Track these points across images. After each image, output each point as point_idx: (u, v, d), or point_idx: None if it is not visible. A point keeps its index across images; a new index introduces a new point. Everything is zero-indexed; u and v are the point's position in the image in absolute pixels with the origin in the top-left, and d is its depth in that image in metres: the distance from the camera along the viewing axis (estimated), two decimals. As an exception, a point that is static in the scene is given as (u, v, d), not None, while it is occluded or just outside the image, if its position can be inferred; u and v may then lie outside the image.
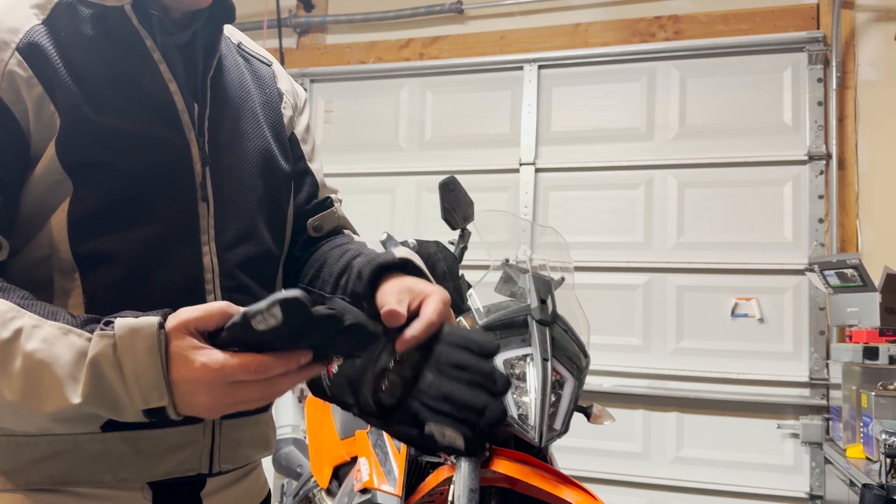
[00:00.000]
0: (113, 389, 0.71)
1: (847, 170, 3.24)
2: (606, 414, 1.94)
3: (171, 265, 0.88)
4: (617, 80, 3.62)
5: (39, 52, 0.83)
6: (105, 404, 0.72)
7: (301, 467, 2.55)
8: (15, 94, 0.81)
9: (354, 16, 4.08)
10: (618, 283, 3.50)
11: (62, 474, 0.84)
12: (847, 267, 2.77)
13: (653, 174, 3.51)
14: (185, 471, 0.90)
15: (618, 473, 3.40)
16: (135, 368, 0.70)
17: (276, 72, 1.13)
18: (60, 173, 0.82)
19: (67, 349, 0.72)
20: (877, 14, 3.30)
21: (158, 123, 0.89)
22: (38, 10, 0.85)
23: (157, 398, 0.71)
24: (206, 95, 0.95)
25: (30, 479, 0.83)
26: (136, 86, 0.88)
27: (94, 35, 0.87)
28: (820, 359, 3.17)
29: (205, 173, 0.92)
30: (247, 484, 1.03)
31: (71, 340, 0.73)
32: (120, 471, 0.86)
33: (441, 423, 0.75)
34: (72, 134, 0.83)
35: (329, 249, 1.07)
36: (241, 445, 0.97)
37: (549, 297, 1.85)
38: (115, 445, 0.85)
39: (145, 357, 0.70)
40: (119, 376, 0.71)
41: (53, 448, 0.83)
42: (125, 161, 0.85)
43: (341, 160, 3.98)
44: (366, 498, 1.74)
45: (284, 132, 1.09)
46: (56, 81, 0.83)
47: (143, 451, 0.87)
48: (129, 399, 0.71)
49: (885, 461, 1.91)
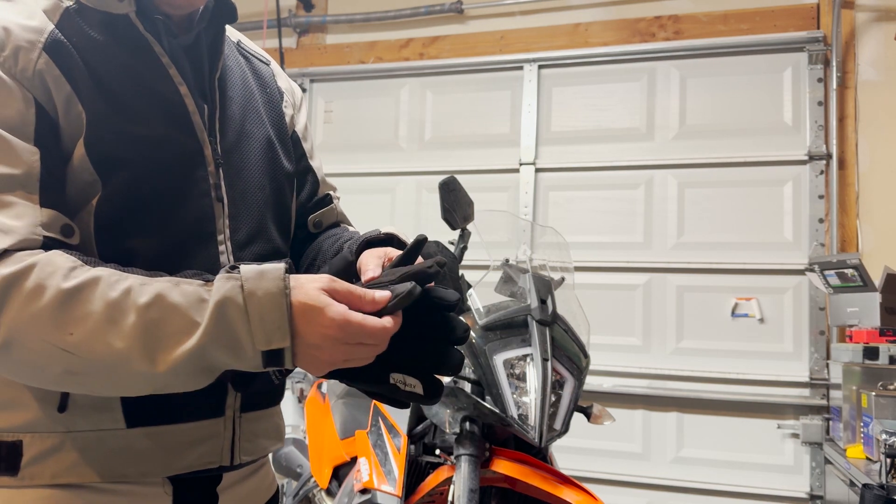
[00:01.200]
0: (236, 329, 0.74)
1: (847, 170, 3.24)
2: (606, 414, 1.94)
3: (192, 264, 0.90)
4: (617, 80, 3.62)
5: (65, 53, 0.85)
6: (226, 344, 0.74)
7: (301, 467, 2.56)
8: (46, 94, 0.83)
9: (354, 16, 4.08)
10: (618, 283, 3.50)
11: (87, 470, 0.86)
12: (847, 267, 2.76)
13: (653, 174, 3.51)
14: (207, 463, 0.93)
15: (618, 473, 3.40)
16: (259, 308, 0.74)
17: (275, 70, 1.15)
18: (91, 173, 0.85)
19: (183, 297, 0.75)
20: (877, 14, 3.30)
21: (172, 126, 0.91)
22: (48, 15, 0.87)
23: (280, 339, 0.74)
24: (215, 97, 0.97)
25: (56, 475, 0.85)
26: (149, 90, 0.90)
27: (104, 40, 0.88)
28: (820, 359, 3.17)
29: (218, 174, 0.95)
30: (258, 479, 1.06)
31: (183, 289, 0.76)
32: (143, 465, 0.88)
33: (403, 373, 0.81)
34: (98, 133, 0.85)
35: (324, 240, 1.10)
36: (258, 437, 1.00)
37: (549, 297, 1.85)
38: (137, 441, 0.88)
39: (271, 298, 0.74)
40: (243, 316, 0.74)
41: (78, 444, 0.85)
42: (145, 163, 0.87)
43: (341, 160, 3.98)
44: (366, 498, 1.74)
45: (287, 131, 1.11)
46: (81, 82, 0.85)
47: (165, 446, 0.89)
48: (252, 339, 0.74)
49: (886, 461, 1.91)
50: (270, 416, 1.05)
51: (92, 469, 0.86)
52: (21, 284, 0.74)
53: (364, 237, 0.97)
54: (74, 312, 0.74)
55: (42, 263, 0.76)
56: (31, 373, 0.78)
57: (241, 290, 0.75)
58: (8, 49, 0.82)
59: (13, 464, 0.84)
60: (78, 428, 0.85)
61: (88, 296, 0.75)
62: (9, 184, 0.79)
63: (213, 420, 0.93)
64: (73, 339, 0.74)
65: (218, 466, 0.94)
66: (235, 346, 0.75)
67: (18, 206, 0.78)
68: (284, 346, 0.74)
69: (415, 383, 0.81)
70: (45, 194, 0.81)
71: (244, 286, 0.75)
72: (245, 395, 0.97)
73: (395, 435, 1.86)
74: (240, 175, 0.98)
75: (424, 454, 1.91)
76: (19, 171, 0.79)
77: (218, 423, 0.94)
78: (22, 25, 0.84)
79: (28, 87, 0.82)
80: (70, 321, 0.74)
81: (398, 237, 0.98)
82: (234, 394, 0.95)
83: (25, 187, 0.79)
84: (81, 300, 0.75)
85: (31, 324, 0.74)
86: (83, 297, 0.75)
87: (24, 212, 0.78)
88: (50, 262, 0.76)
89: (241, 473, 1.01)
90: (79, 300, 0.75)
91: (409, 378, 0.81)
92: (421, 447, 1.92)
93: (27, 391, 0.85)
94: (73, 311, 0.74)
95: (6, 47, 0.82)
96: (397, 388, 0.81)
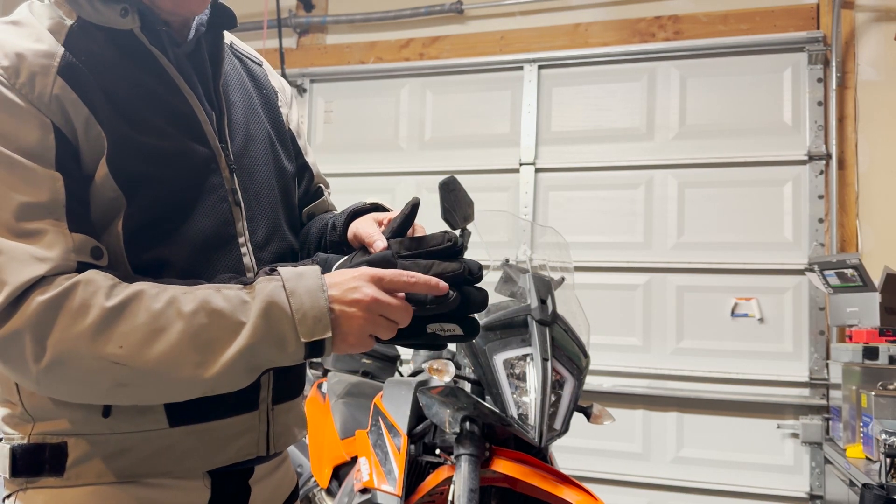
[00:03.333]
0: (281, 325, 0.80)
1: (847, 170, 3.24)
2: (606, 414, 1.94)
3: (218, 268, 0.93)
4: (617, 80, 3.62)
5: (78, 75, 0.85)
6: (273, 341, 0.80)
7: (301, 467, 2.56)
8: (64, 118, 0.84)
9: (354, 16, 4.08)
10: (618, 283, 3.50)
11: (131, 469, 0.88)
12: (847, 267, 2.76)
13: (653, 174, 3.51)
14: (245, 455, 0.97)
15: (618, 473, 3.40)
16: (301, 305, 0.81)
17: (268, 70, 1.18)
18: (115, 190, 0.86)
19: (226, 301, 0.81)
20: (877, 14, 3.30)
21: (187, 137, 0.93)
22: (55, 36, 0.87)
23: (322, 330, 0.81)
24: (222, 103, 0.99)
25: (101, 474, 0.87)
26: (162, 103, 0.91)
27: (112, 57, 0.89)
28: (820, 359, 3.17)
29: (233, 178, 0.97)
30: (282, 472, 1.11)
31: (226, 294, 0.81)
32: (186, 461, 0.91)
33: (438, 321, 0.87)
34: (119, 152, 0.86)
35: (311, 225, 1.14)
36: (289, 427, 1.05)
37: (549, 297, 1.85)
38: (180, 439, 0.90)
39: (311, 295, 0.81)
40: (287, 313, 0.80)
41: (122, 444, 0.88)
42: (166, 175, 0.89)
43: (341, 160, 3.98)
44: (366, 498, 1.74)
45: (285, 130, 1.13)
46: (97, 102, 0.85)
47: (207, 442, 0.92)
48: (296, 334, 0.80)
49: (885, 461, 1.91)
50: (298, 406, 1.10)
51: (136, 467, 0.88)
52: (66, 305, 0.77)
53: (350, 209, 1.03)
54: (122, 327, 0.78)
55: (84, 283, 0.78)
56: (80, 389, 0.80)
57: (284, 289, 0.81)
58: (23, 75, 0.82)
59: (59, 465, 0.86)
60: (122, 430, 0.87)
61: (134, 309, 0.78)
62: (37, 212, 0.80)
63: (250, 414, 0.97)
64: (123, 352, 0.77)
65: (255, 457, 0.98)
66: (281, 341, 0.80)
67: (49, 233, 0.80)
68: (326, 337, 0.81)
69: (452, 327, 0.87)
70: (73, 219, 0.82)
71: (286, 286, 0.81)
72: (275, 388, 1.01)
73: (395, 435, 1.86)
74: (251, 177, 1.01)
75: (424, 454, 1.91)
76: (45, 198, 0.80)
77: (254, 417, 0.98)
78: (34, 51, 0.84)
79: (46, 112, 0.82)
80: (118, 335, 0.77)
81: (382, 205, 1.05)
82: (266, 387, 0.99)
83: (53, 214, 0.81)
84: (127, 314, 0.78)
85: (79, 341, 0.77)
86: (129, 311, 0.78)
87: (55, 239, 0.80)
88: (91, 282, 0.79)
89: (269, 466, 1.05)
90: (125, 315, 0.78)
91: (445, 324, 0.87)
92: (421, 447, 1.92)
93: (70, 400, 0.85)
94: (120, 325, 0.78)
95: (21, 73, 0.82)
96: (437, 335, 0.87)
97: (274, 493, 1.08)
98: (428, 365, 1.88)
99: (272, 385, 1.00)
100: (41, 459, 0.86)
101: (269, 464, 1.06)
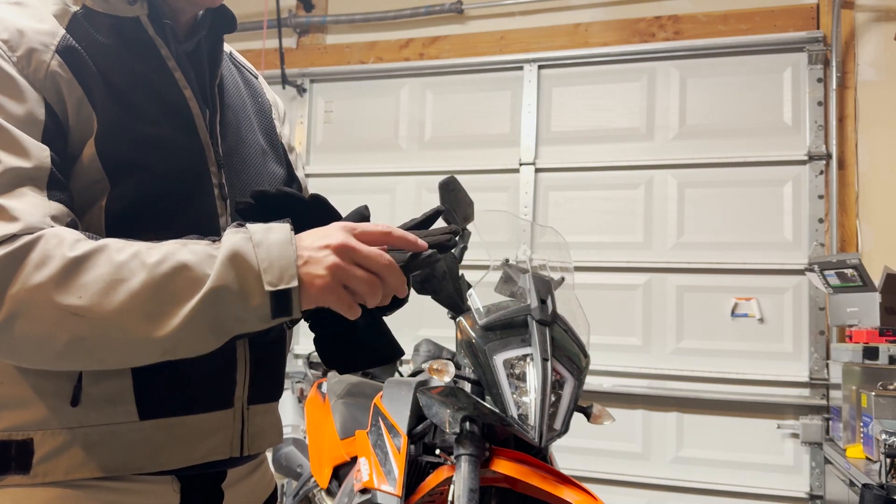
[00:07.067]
0: (244, 274, 0.78)
1: (847, 170, 3.24)
2: (606, 414, 1.94)
3: None
4: (617, 80, 3.62)
5: (76, 55, 0.87)
6: (235, 291, 0.77)
7: (301, 467, 2.56)
8: (57, 96, 0.85)
9: (354, 16, 4.08)
10: (618, 283, 3.50)
11: (100, 465, 0.86)
12: (847, 267, 2.76)
13: (653, 174, 3.51)
14: (218, 455, 0.95)
15: (618, 473, 3.40)
16: (268, 253, 0.79)
17: (263, 84, 1.21)
18: (99, 172, 0.86)
19: (192, 254, 0.78)
20: (877, 14, 3.30)
21: (179, 128, 0.93)
22: (58, 20, 0.89)
23: (288, 279, 0.78)
24: (216, 102, 1.01)
25: (69, 471, 0.85)
26: (156, 92, 0.92)
27: (113, 43, 0.90)
28: (820, 359, 3.17)
29: (221, 174, 0.98)
30: (258, 476, 1.09)
31: (192, 248, 0.79)
32: (157, 457, 0.89)
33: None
34: (108, 134, 0.86)
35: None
36: (264, 431, 1.03)
37: (549, 297, 1.85)
38: (151, 433, 0.89)
39: (279, 244, 0.79)
40: (252, 262, 0.78)
41: (91, 439, 0.86)
42: (153, 163, 0.89)
43: (341, 160, 3.99)
44: (366, 498, 1.74)
45: (277, 140, 1.15)
46: (92, 84, 0.87)
47: (178, 438, 0.91)
48: (259, 284, 0.78)
49: (885, 461, 1.92)
50: (273, 412, 1.08)
51: (106, 463, 0.86)
52: (29, 256, 0.75)
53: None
54: (83, 277, 0.76)
55: (48, 236, 0.77)
56: (34, 348, 0.77)
57: (251, 240, 0.79)
58: (21, 50, 0.84)
59: (25, 462, 0.84)
60: (91, 422, 0.85)
61: (96, 261, 0.76)
62: (20, 177, 0.80)
63: (224, 412, 0.96)
64: (81, 302, 0.75)
65: (228, 458, 0.96)
66: (244, 292, 0.78)
67: (28, 197, 0.79)
68: (292, 287, 0.78)
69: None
70: (54, 191, 0.82)
71: (252, 238, 0.79)
72: (252, 388, 0.99)
73: (395, 435, 1.86)
74: (239, 176, 1.02)
75: (424, 454, 1.91)
76: (30, 165, 0.80)
77: (228, 415, 0.96)
78: (35, 29, 0.86)
79: (39, 88, 0.84)
80: (78, 285, 0.75)
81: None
82: (242, 385, 0.98)
83: (35, 181, 0.81)
84: (89, 265, 0.76)
85: (36, 291, 0.75)
86: (91, 262, 0.76)
87: (34, 202, 0.79)
88: (55, 235, 0.77)
89: (243, 471, 1.03)
90: (87, 265, 0.76)
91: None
92: (421, 447, 1.92)
93: (38, 387, 0.85)
94: (81, 276, 0.76)
95: (20, 48, 0.84)
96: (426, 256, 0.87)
97: (248, 497, 1.05)
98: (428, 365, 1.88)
99: (248, 383, 0.99)
100: (7, 457, 0.84)
101: (244, 467, 1.03)
